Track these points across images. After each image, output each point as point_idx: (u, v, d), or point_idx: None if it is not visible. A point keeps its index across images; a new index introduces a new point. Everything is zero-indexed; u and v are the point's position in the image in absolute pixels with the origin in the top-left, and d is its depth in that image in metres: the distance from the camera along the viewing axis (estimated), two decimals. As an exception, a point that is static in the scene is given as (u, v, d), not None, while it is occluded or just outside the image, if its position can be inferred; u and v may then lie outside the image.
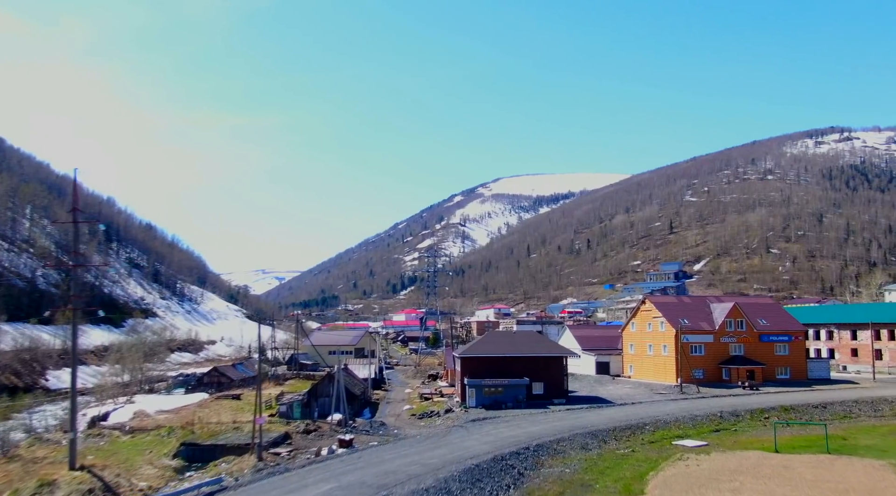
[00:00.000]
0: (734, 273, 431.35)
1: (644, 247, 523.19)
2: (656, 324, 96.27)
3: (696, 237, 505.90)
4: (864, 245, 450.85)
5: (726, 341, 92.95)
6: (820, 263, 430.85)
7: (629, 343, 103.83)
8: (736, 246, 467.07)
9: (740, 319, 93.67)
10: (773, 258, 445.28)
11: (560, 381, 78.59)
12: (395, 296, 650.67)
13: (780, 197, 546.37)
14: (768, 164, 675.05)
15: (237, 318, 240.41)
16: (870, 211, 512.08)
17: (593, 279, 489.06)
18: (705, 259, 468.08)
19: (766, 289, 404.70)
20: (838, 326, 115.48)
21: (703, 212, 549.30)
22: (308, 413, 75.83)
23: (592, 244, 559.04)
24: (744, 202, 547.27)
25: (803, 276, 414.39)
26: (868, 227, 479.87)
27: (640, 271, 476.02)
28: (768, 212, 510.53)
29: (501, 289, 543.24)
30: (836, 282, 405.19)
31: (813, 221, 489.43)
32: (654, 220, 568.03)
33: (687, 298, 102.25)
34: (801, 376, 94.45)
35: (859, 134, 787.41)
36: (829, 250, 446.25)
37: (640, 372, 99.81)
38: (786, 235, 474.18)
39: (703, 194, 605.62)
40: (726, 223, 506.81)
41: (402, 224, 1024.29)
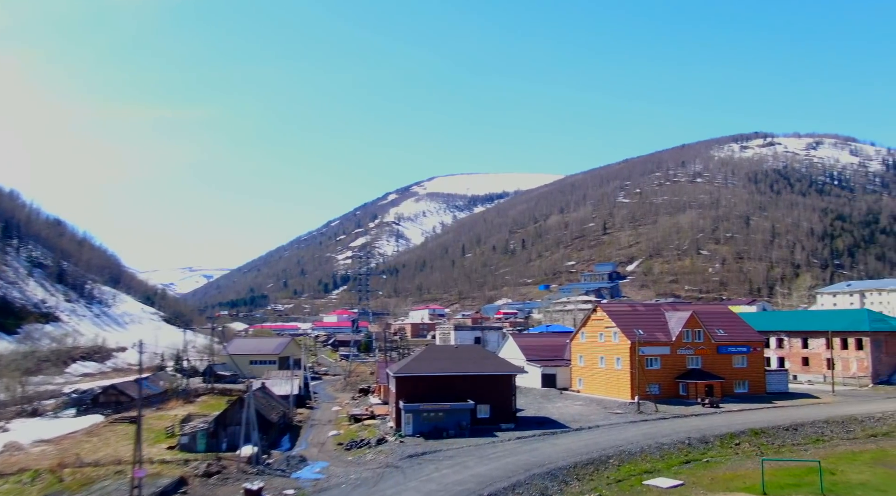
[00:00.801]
0: (666, 274, 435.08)
1: (578, 247, 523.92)
2: (609, 334, 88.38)
3: (629, 238, 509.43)
4: (789, 247, 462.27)
5: (683, 353, 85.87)
6: (748, 265, 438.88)
7: (578, 354, 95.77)
8: (667, 247, 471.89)
9: (698, 329, 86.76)
10: (703, 259, 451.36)
11: (508, 402, 69.45)
12: (326, 295, 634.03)
13: (710, 199, 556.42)
14: (697, 167, 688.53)
15: (153, 322, 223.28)
16: (793, 214, 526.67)
17: (528, 279, 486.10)
18: (638, 260, 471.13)
19: (697, 290, 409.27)
20: (789, 334, 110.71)
21: (636, 213, 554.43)
22: (215, 444, 64.42)
23: (527, 244, 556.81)
24: (675, 204, 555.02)
25: (732, 278, 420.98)
26: (792, 230, 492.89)
27: (575, 272, 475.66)
28: (698, 214, 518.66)
29: (436, 289, 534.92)
30: (763, 284, 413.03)
31: (740, 224, 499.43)
32: (587, 220, 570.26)
33: (641, 306, 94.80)
34: (760, 390, 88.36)
35: (781, 140, 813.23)
36: (756, 252, 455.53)
37: (590, 386, 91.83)
38: (715, 237, 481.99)
39: (635, 196, 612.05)
40: (658, 224, 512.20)
41: (335, 222, 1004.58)
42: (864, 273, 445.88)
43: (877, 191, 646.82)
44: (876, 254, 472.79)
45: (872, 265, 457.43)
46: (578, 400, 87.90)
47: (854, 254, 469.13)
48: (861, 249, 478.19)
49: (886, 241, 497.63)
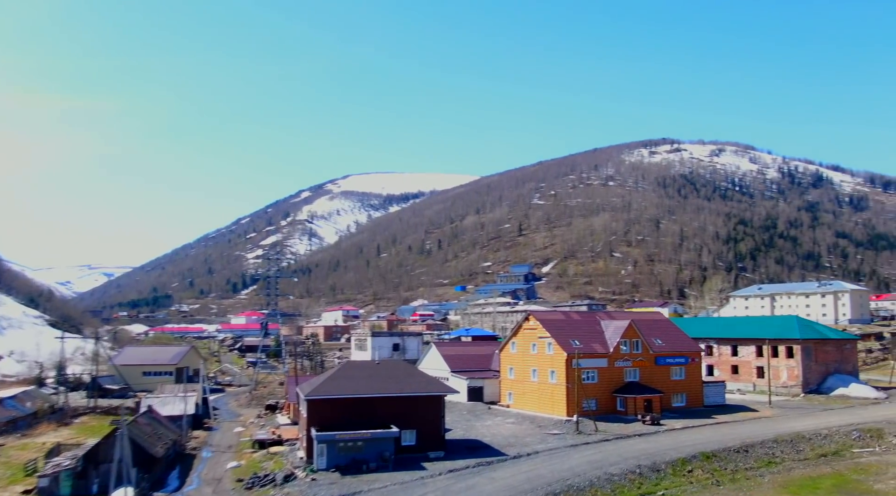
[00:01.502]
0: (581, 275, 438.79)
1: (494, 248, 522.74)
2: (542, 345, 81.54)
3: (545, 239, 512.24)
4: (696, 250, 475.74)
5: (621, 366, 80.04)
6: (658, 267, 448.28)
7: (508, 365, 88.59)
8: (582, 249, 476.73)
9: (636, 340, 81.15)
10: (615, 261, 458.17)
11: (437, 427, 61.15)
12: (235, 295, 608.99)
13: (622, 203, 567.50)
14: (609, 170, 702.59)
15: (36, 326, 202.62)
16: (699, 218, 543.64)
17: (444, 280, 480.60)
18: (553, 261, 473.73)
19: (611, 292, 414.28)
20: (718, 341, 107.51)
21: (551, 215, 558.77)
22: (84, 486, 53.19)
23: (443, 245, 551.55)
24: (588, 206, 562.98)
25: (644, 280, 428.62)
26: (699, 234, 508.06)
27: (491, 273, 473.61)
28: (611, 216, 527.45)
29: (350, 289, 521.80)
30: (673, 286, 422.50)
31: (651, 227, 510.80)
32: (503, 221, 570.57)
33: (576, 314, 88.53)
34: (698, 403, 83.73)
35: (687, 146, 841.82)
36: (665, 255, 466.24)
37: (521, 401, 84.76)
38: (627, 240, 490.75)
39: (550, 198, 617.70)
40: (573, 226, 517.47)
41: (245, 219, 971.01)
42: (764, 276, 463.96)
43: (774, 197, 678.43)
44: (775, 258, 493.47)
45: (772, 268, 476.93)
46: (509, 417, 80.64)
47: (756, 258, 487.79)
48: (762, 253, 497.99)
49: (784, 246, 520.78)
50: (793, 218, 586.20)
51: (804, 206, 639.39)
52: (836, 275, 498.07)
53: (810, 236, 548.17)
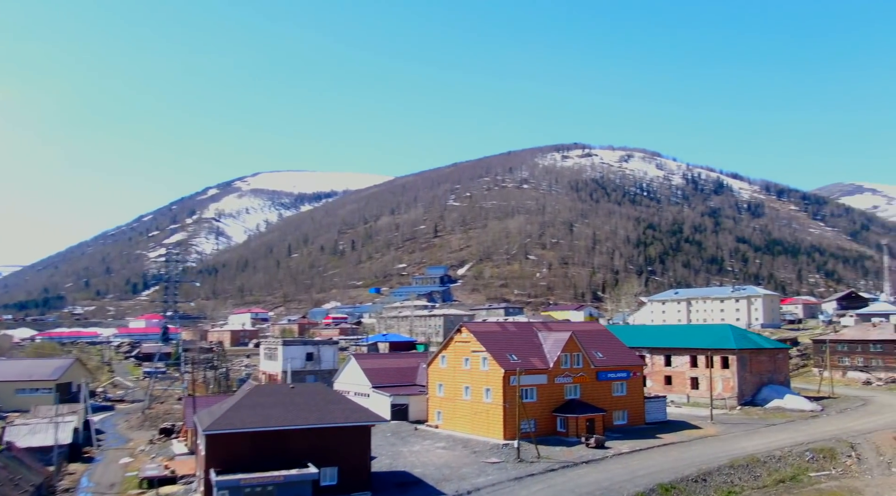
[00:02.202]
0: (496, 278, 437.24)
1: (409, 250, 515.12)
2: (476, 360, 73.99)
3: (460, 241, 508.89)
4: (609, 254, 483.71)
5: (561, 382, 73.55)
6: (572, 270, 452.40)
7: (437, 382, 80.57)
8: (497, 251, 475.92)
9: (577, 353, 74.82)
10: (530, 264, 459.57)
11: (362, 462, 52.35)
12: (135, 297, 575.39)
13: (536, 205, 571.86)
14: (524, 173, 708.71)
15: None
16: (611, 222, 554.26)
17: (358, 282, 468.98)
18: (469, 263, 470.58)
19: (526, 294, 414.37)
20: (651, 350, 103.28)
21: (466, 217, 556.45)
22: None
23: (357, 245, 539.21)
24: (503, 209, 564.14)
25: (558, 282, 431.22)
26: (610, 238, 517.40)
27: (406, 274, 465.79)
28: (526, 219, 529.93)
29: (259, 290, 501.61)
30: (586, 289, 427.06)
31: (565, 230, 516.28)
32: (419, 222, 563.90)
33: (512, 326, 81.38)
34: (639, 420, 78.32)
35: (598, 151, 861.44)
36: (579, 258, 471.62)
37: (452, 421, 76.92)
38: (542, 242, 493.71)
39: (465, 199, 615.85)
40: (488, 228, 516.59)
41: (147, 217, 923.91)
42: (673, 279, 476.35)
43: (679, 203, 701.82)
44: (682, 262, 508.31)
45: (680, 272, 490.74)
46: (440, 440, 72.62)
47: (665, 261, 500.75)
48: (670, 257, 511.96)
49: (690, 250, 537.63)
50: (697, 223, 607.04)
51: (707, 212, 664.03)
52: (738, 278, 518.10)
53: (714, 241, 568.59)
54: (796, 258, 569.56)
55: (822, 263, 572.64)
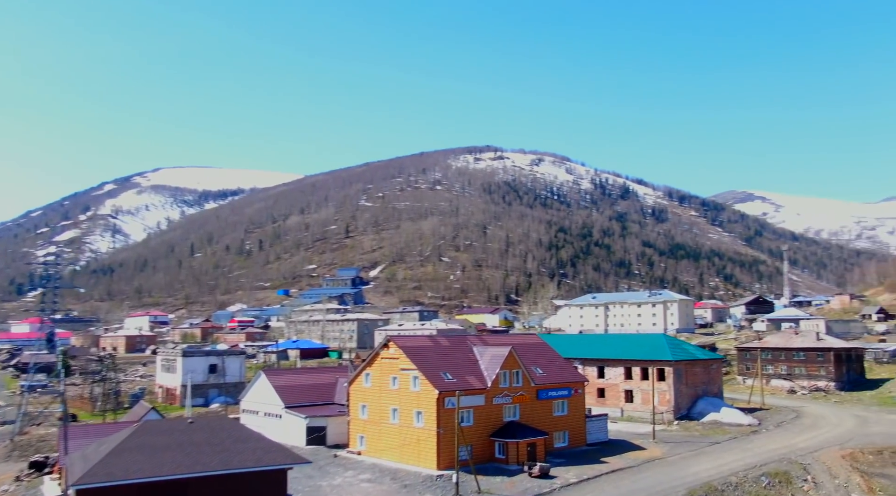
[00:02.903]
0: (410, 280, 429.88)
1: (320, 250, 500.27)
2: (406, 379, 66.05)
3: (373, 242, 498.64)
4: (522, 257, 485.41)
5: (500, 402, 66.61)
6: (486, 273, 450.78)
7: (360, 402, 71.99)
8: (410, 253, 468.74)
9: (517, 370, 68.09)
10: (444, 266, 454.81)
11: (277, 512, 43.35)
12: (20, 298, 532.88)
13: (449, 207, 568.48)
14: (437, 174, 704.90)
15: None
16: (523, 225, 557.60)
17: (266, 283, 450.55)
18: (381, 265, 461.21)
19: (440, 297, 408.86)
20: (583, 361, 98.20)
21: (379, 217, 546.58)
22: None
23: (265, 245, 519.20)
24: (417, 210, 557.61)
25: (472, 285, 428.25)
26: (523, 240, 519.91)
27: (317, 276, 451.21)
28: (439, 221, 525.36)
29: (159, 291, 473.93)
30: (500, 292, 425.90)
31: (478, 232, 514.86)
32: (329, 222, 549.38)
33: (445, 340, 73.65)
34: (580, 441, 72.44)
35: (509, 154, 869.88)
36: (493, 260, 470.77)
37: (377, 446, 68.62)
38: (455, 244, 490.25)
39: (378, 200, 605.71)
40: (401, 230, 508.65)
41: (36, 212, 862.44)
42: (584, 282, 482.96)
43: (588, 207, 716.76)
44: (593, 265, 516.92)
45: (591, 275, 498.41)
46: (364, 470, 64.17)
47: (576, 265, 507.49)
48: (581, 260, 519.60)
49: (600, 253, 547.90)
50: (606, 227, 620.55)
51: (615, 216, 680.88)
52: (645, 282, 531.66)
53: (622, 245, 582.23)
54: (698, 262, 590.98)
55: (722, 267, 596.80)
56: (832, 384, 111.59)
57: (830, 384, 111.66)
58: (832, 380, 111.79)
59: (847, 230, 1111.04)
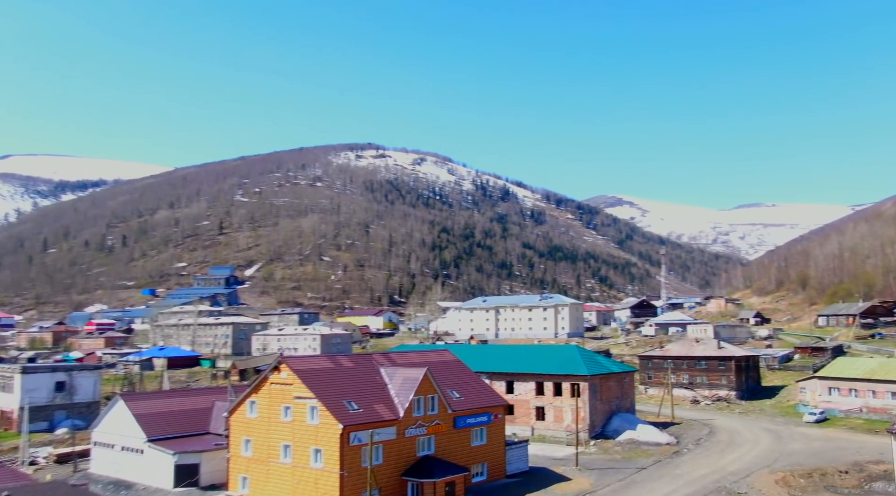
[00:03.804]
0: (288, 280, 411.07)
1: (191, 247, 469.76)
2: (301, 409, 54.97)
3: (249, 240, 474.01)
4: (405, 257, 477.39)
5: (413, 434, 56.89)
6: (369, 273, 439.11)
7: (244, 436, 59.94)
8: (289, 251, 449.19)
9: (432, 395, 58.62)
10: (325, 265, 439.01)
11: None
12: None
13: (331, 205, 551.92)
14: (317, 171, 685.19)
15: None
16: (406, 225, 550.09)
17: (129, 282, 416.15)
18: (258, 264, 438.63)
19: (321, 298, 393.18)
20: (491, 375, 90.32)
21: (256, 214, 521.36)
22: None
23: (129, 241, 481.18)
24: (296, 207, 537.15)
25: (354, 285, 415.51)
26: (406, 240, 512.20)
27: (187, 274, 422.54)
28: (320, 218, 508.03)
29: (6, 291, 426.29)
30: (383, 292, 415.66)
31: (361, 231, 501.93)
32: (202, 218, 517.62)
33: (347, 360, 62.59)
34: (500, 473, 64.08)
35: (392, 153, 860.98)
36: (376, 260, 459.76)
37: (263, 490, 57.07)
38: (337, 243, 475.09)
39: (254, 195, 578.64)
40: (279, 227, 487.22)
41: None
42: (467, 283, 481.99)
43: (470, 207, 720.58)
44: (476, 266, 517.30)
45: (474, 276, 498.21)
46: (247, 521, 52.52)
47: (459, 265, 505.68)
48: (464, 261, 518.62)
49: (482, 254, 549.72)
50: (487, 228, 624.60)
51: (496, 218, 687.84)
52: (526, 283, 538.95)
53: (503, 246, 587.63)
54: (575, 264, 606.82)
55: (597, 269, 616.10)
56: (733, 393, 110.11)
57: (731, 393, 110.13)
58: (733, 389, 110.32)
59: (705, 235, 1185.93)
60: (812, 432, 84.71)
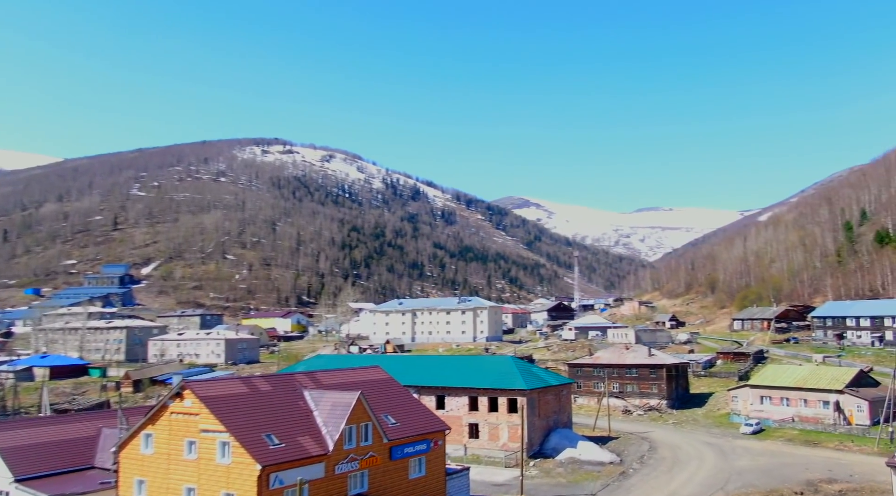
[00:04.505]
0: (189, 279, 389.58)
1: (81, 243, 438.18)
2: (209, 445, 45.55)
3: (146, 236, 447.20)
4: (314, 256, 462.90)
5: (345, 470, 48.37)
6: (275, 272, 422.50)
7: (136, 476, 49.70)
8: (190, 249, 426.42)
9: (365, 423, 50.31)
10: (229, 264, 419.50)
11: None
12: None
13: (235, 201, 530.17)
14: (221, 165, 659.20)
15: None
16: (315, 223, 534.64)
17: (10, 280, 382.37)
18: (156, 262, 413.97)
19: (224, 298, 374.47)
20: (420, 389, 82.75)
21: (154, 209, 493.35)
22: None
23: (11, 236, 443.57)
24: (198, 202, 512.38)
25: (260, 285, 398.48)
26: (315, 239, 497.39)
27: (77, 273, 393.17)
28: (224, 215, 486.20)
29: None
30: (291, 293, 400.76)
31: (267, 229, 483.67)
32: (94, 212, 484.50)
33: (264, 382, 53.09)
34: (439, 506, 56.28)
35: (300, 149, 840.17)
36: (283, 259, 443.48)
37: (160, 543, 47.10)
38: (241, 241, 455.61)
39: (153, 189, 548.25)
40: (180, 223, 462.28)
41: None
42: (378, 283, 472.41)
43: (380, 206, 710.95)
44: (387, 266, 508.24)
45: (385, 276, 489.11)
46: None
47: (370, 265, 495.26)
48: (374, 260, 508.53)
49: (393, 254, 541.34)
50: (398, 227, 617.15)
51: (406, 217, 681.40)
52: (437, 283, 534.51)
53: (414, 246, 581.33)
54: (486, 265, 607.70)
55: (507, 270, 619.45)
56: (664, 402, 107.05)
57: (662, 402, 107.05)
58: (664, 397, 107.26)
59: (608, 237, 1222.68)
60: (753, 446, 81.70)
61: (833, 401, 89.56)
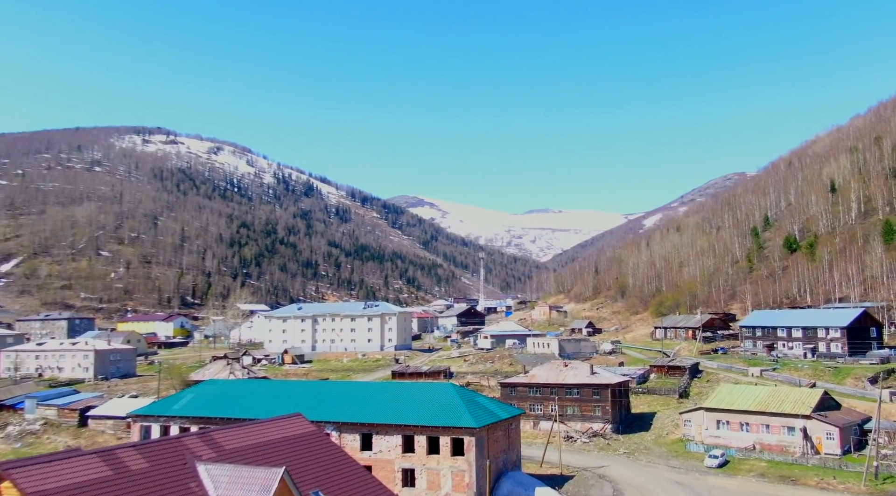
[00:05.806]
0: (57, 277, 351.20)
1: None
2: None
3: (7, 229, 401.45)
4: (200, 253, 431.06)
5: None
6: (157, 270, 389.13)
7: None
8: (59, 244, 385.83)
9: (291, 510, 34.39)
10: (104, 261, 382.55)
11: None
12: None
13: (112, 192, 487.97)
14: (96, 154, 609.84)
15: None
16: (201, 218, 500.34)
17: None
18: (18, 258, 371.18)
19: (97, 299, 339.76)
20: (340, 426, 67.02)
21: (17, 199, 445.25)
22: None
23: None
24: (69, 193, 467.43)
25: (139, 285, 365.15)
26: (201, 235, 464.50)
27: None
28: (98, 207, 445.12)
29: None
30: (174, 293, 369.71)
31: (148, 223, 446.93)
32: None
33: (135, 452, 35.96)
34: None
35: (184, 140, 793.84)
36: (165, 257, 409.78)
37: None
38: (118, 236, 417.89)
39: (15, 178, 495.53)
40: (47, 216, 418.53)
41: None
42: (270, 283, 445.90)
43: (271, 202, 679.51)
44: (279, 265, 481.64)
45: (277, 276, 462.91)
46: None
47: (261, 264, 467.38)
48: (266, 259, 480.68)
49: (286, 252, 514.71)
50: (291, 224, 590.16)
51: (299, 214, 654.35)
52: (333, 283, 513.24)
53: (307, 244, 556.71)
54: (382, 264, 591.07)
55: (404, 270, 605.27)
56: (608, 426, 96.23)
57: (606, 426, 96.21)
58: (608, 421, 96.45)
59: (500, 237, 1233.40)
60: (727, 485, 71.40)
61: (800, 427, 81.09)
